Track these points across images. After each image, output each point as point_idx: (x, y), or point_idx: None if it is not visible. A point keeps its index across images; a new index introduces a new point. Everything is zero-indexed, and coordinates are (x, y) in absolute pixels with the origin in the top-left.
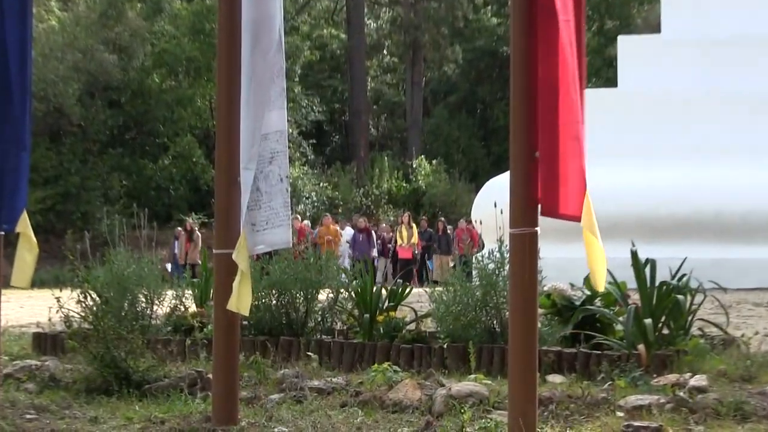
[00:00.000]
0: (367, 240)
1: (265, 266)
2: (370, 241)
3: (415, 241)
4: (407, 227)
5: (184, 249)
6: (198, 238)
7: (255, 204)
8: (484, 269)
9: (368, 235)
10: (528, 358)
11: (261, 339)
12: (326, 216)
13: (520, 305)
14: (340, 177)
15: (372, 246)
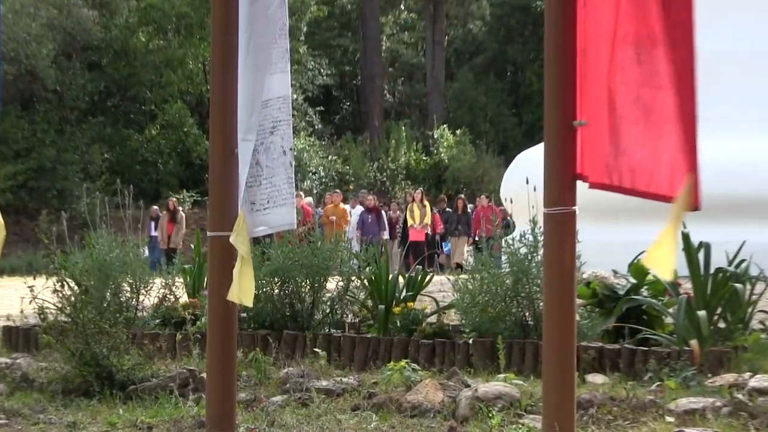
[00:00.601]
0: (376, 221)
1: (267, 251)
2: (380, 222)
3: (428, 221)
4: (419, 205)
5: (166, 232)
6: (182, 219)
7: (254, 180)
8: (515, 254)
9: (378, 216)
10: (565, 355)
11: (261, 333)
12: (333, 193)
13: (555, 295)
14: (351, 149)
15: (382, 227)
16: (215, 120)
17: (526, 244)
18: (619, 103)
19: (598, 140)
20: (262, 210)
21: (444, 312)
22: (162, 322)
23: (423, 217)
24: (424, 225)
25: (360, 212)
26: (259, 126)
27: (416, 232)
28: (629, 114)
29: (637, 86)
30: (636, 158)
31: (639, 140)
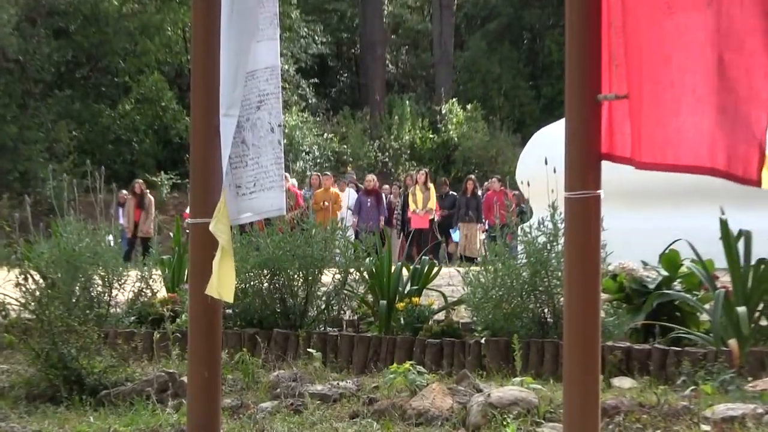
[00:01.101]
0: (375, 205)
1: (254, 240)
2: (380, 207)
3: (432, 206)
4: (423, 188)
5: (132, 218)
6: (151, 203)
7: (239, 161)
8: (533, 243)
9: (377, 199)
10: (588, 356)
11: (249, 332)
12: (323, 175)
13: (578, 289)
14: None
15: (382, 213)
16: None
17: (544, 233)
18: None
19: (639, 114)
20: (248, 194)
21: (453, 308)
22: (138, 319)
23: (426, 201)
24: (428, 210)
25: (357, 195)
26: (244, 100)
27: (419, 219)
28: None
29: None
30: (680, 130)
31: (683, 110)
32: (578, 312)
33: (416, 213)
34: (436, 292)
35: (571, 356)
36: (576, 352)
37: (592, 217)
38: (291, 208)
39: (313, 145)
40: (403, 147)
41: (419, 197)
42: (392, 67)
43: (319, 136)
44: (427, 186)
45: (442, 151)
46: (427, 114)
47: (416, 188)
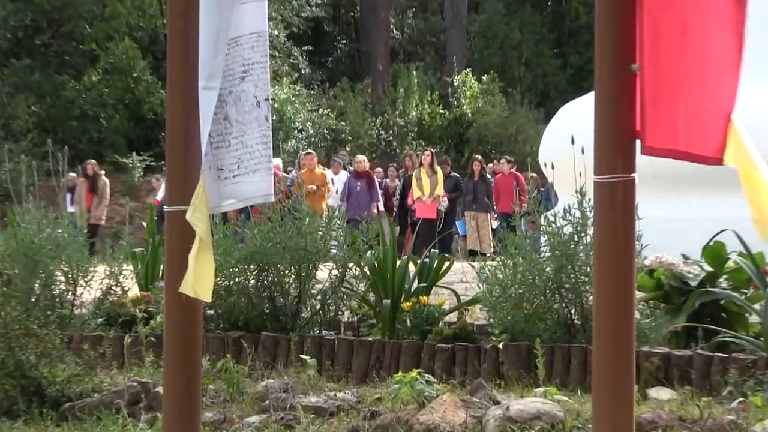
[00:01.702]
0: (367, 190)
1: (240, 230)
2: (372, 192)
3: (440, 192)
4: (429, 171)
5: (85, 204)
6: (105, 187)
7: (221, 139)
8: (558, 234)
9: (369, 183)
10: (621, 363)
11: (234, 335)
12: (307, 154)
13: (609, 286)
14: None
15: (375, 198)
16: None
17: (571, 222)
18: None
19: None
20: (231, 178)
21: (467, 308)
22: (106, 321)
23: (434, 187)
24: (435, 197)
25: (346, 178)
26: (227, 70)
27: (425, 207)
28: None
29: None
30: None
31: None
32: (609, 313)
33: (422, 200)
34: (447, 290)
35: (602, 363)
36: (607, 358)
37: (625, 204)
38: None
39: (306, 122)
40: (410, 124)
41: (425, 182)
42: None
43: (313, 112)
44: (434, 169)
45: (454, 129)
46: (437, 86)
47: (421, 171)
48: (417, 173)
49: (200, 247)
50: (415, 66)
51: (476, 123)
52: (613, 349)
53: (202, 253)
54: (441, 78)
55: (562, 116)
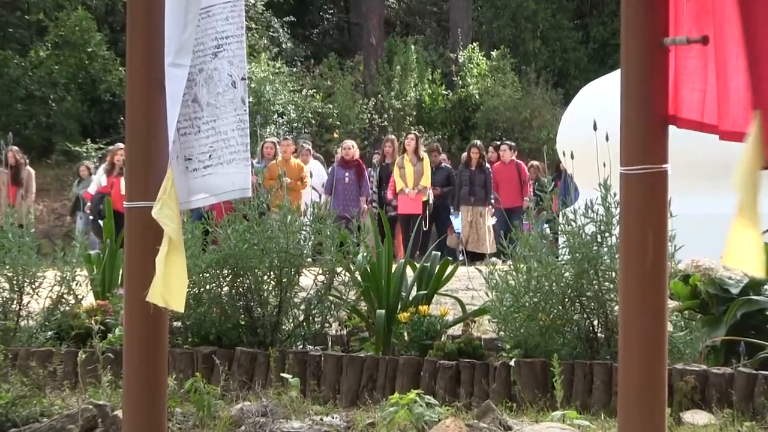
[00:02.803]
0: (356, 181)
1: (212, 230)
2: (362, 184)
3: (426, 182)
4: (413, 159)
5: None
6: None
7: (190, 125)
8: (578, 234)
9: (358, 174)
10: (651, 383)
11: (204, 351)
12: (284, 139)
13: (637, 294)
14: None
15: (364, 192)
16: (134, 36)
17: (593, 220)
18: None
19: (701, 65)
20: (202, 169)
21: (473, 320)
22: (57, 334)
23: (419, 177)
24: (421, 189)
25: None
26: (197, 45)
27: (409, 201)
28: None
29: None
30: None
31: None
32: (638, 325)
33: (405, 193)
34: (450, 299)
35: (629, 383)
36: (635, 377)
37: (657, 199)
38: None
39: (288, 105)
40: (408, 107)
41: (409, 171)
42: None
43: (295, 93)
44: (419, 155)
45: (458, 113)
46: (439, 63)
47: (405, 159)
48: (399, 161)
49: (170, 249)
50: (413, 40)
51: (484, 106)
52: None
53: (172, 255)
54: (443, 54)
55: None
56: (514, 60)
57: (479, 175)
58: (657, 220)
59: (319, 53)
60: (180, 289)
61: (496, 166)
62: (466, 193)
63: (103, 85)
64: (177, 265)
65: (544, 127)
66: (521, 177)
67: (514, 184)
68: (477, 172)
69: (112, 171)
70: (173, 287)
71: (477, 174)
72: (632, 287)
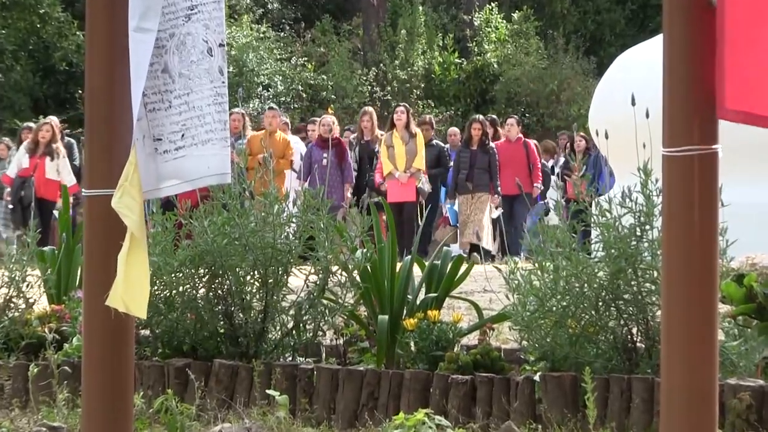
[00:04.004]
0: (337, 164)
1: (185, 222)
2: (344, 167)
3: (420, 164)
4: (404, 136)
5: None
6: None
7: (159, 99)
8: (615, 227)
9: (340, 155)
10: (699, 400)
11: (177, 364)
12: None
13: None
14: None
15: (348, 178)
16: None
17: (632, 210)
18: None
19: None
20: (173, 151)
21: (491, 327)
22: (4, 345)
23: (412, 158)
24: (414, 172)
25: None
26: (167, 6)
27: (400, 188)
28: None
29: None
30: None
31: None
32: (684, 333)
33: (395, 177)
34: (465, 303)
35: (673, 400)
36: (680, 393)
37: (705, 186)
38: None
39: (274, 75)
40: (415, 78)
41: (399, 150)
42: None
43: (283, 62)
44: (411, 131)
45: (474, 85)
46: (452, 27)
47: (393, 136)
48: (387, 138)
49: (131, 246)
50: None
51: (504, 76)
52: (688, 381)
53: (134, 253)
54: (456, 16)
55: (619, 67)
56: (538, 23)
57: (482, 156)
58: (705, 210)
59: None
60: (142, 292)
61: (500, 145)
62: (464, 179)
63: (58, 52)
64: (139, 264)
65: (574, 102)
66: (529, 159)
67: (520, 168)
68: (479, 152)
69: (35, 150)
70: (135, 290)
71: (479, 155)
72: (677, 289)
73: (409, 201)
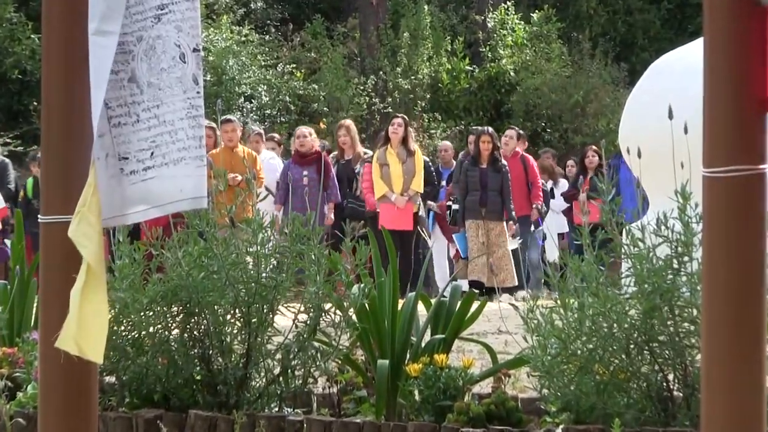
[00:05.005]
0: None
1: (157, 253)
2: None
3: (419, 187)
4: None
5: None
6: None
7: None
8: (649, 258)
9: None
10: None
11: (147, 416)
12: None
13: (726, 338)
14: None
15: (332, 196)
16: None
17: (668, 240)
18: None
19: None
20: (141, 171)
21: (507, 373)
22: None
23: (410, 179)
24: (413, 195)
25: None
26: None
27: (396, 214)
28: None
29: None
30: None
31: None
32: (727, 380)
33: (391, 201)
34: (477, 345)
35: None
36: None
37: (752, 212)
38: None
39: (258, 85)
40: (420, 88)
41: (395, 170)
42: None
43: (269, 69)
44: (410, 148)
45: (487, 95)
46: (462, 29)
47: (388, 153)
48: (380, 155)
49: (88, 279)
50: None
51: (522, 86)
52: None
53: (90, 287)
54: (467, 16)
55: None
56: (561, 24)
57: (493, 176)
58: (751, 239)
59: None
60: (99, 332)
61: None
62: (476, 202)
63: (10, 58)
64: (96, 301)
65: (603, 115)
66: (528, 176)
67: (518, 186)
68: (490, 171)
69: None
70: (90, 330)
71: (490, 174)
72: (718, 329)
73: (407, 230)
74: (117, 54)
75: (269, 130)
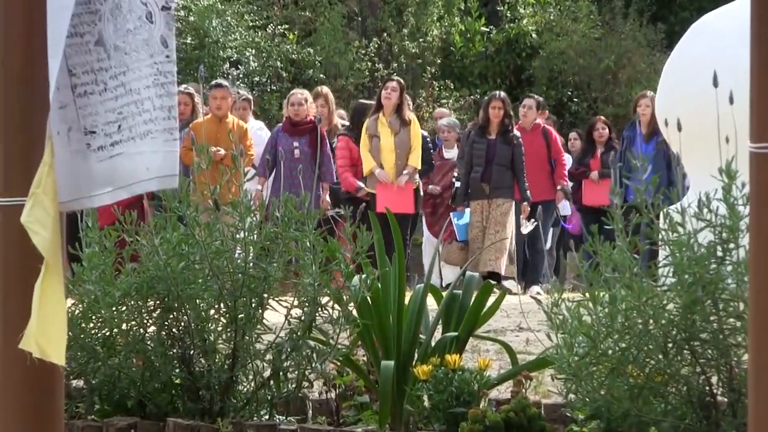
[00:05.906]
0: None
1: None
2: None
3: (416, 162)
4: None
5: None
6: None
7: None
8: (689, 246)
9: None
10: None
11: (119, 424)
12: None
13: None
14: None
15: (327, 176)
16: None
17: (711, 224)
18: None
19: None
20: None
21: (528, 376)
22: None
23: (405, 154)
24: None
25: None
26: None
27: (394, 195)
28: None
29: None
30: None
31: None
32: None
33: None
34: (494, 344)
35: None
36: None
37: None
38: None
39: (245, 48)
40: (429, 52)
41: (387, 143)
42: None
43: (257, 31)
44: (405, 117)
45: (506, 60)
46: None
47: (379, 122)
48: (370, 125)
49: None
50: None
51: (545, 49)
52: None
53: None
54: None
55: (695, 38)
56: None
57: (503, 148)
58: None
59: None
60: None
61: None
62: (478, 179)
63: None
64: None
65: (637, 82)
66: (551, 152)
67: (539, 164)
68: (499, 141)
69: None
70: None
71: (499, 146)
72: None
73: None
74: (83, 14)
75: (258, 100)
